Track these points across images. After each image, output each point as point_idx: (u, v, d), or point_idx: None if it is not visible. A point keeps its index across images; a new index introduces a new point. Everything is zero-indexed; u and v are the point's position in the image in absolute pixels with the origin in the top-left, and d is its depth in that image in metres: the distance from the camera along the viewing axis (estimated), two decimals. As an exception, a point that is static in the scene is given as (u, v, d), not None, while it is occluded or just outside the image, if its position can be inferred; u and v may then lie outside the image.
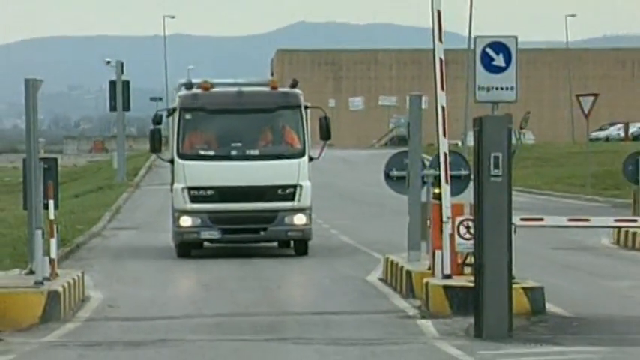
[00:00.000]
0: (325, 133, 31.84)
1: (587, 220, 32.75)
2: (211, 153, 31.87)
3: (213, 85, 32.15)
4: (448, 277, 24.84)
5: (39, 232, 25.42)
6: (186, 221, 31.34)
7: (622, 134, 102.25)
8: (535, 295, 24.37)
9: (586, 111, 64.99)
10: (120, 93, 60.34)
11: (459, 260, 25.20)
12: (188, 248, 32.24)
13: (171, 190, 32.50)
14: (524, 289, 24.03)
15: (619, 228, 41.78)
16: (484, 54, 23.91)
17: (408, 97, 30.93)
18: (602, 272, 35.09)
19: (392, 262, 29.97)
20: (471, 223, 23.56)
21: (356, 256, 33.93)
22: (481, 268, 21.83)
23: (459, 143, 26.91)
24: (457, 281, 24.47)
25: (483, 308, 21.63)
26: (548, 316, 23.95)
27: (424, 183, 29.55)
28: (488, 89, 23.88)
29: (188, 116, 31.52)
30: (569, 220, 33.04)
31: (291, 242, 33.48)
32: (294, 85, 32.18)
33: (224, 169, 31.37)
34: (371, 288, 29.70)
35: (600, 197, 63.94)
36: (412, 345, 21.23)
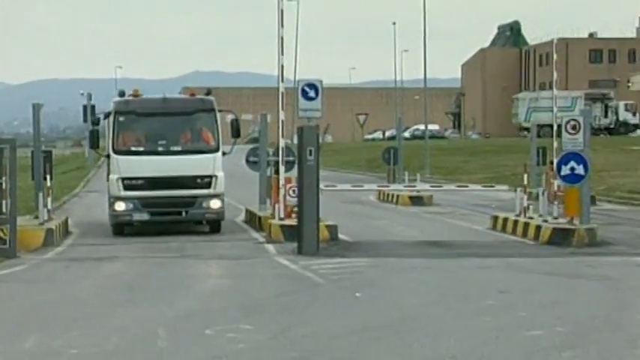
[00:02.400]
0: (235, 132, 29.86)
1: (362, 186, 38.08)
2: (141, 149, 29.21)
3: (141, 94, 29.86)
4: (282, 219, 27.97)
5: (40, 194, 28.35)
6: (120, 206, 28.72)
7: (382, 136, 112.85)
8: (332, 229, 27.41)
9: (361, 122, 71.67)
10: (89, 111, 64.17)
11: (289, 210, 28.07)
12: (122, 228, 29.70)
13: (108, 180, 29.85)
14: (326, 225, 27.10)
15: (379, 190, 47.05)
16: (303, 90, 26.74)
17: (259, 115, 35.01)
18: (370, 215, 38.92)
19: (250, 211, 33.74)
20: (295, 188, 26.36)
21: (229, 207, 32.34)
22: (301, 214, 24.82)
23: (290, 141, 29.27)
24: (288, 222, 27.46)
25: (302, 237, 24.55)
26: (339, 241, 27.13)
27: (268, 165, 32.93)
28: (305, 110, 26.82)
29: (121, 118, 28.99)
30: (352, 186, 38.24)
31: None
32: (208, 93, 29.88)
33: (152, 162, 28.76)
34: (238, 226, 32.56)
35: (370, 173, 68.30)
36: (262, 259, 23.91)
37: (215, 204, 29.08)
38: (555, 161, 28.90)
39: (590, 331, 14.37)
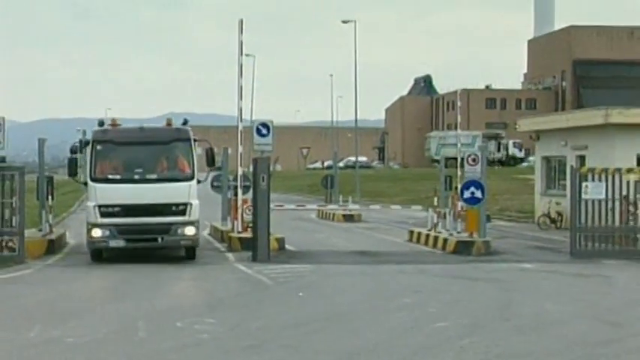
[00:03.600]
0: (210, 161, 25.38)
1: (304, 206, 37.83)
2: (118, 176, 24.31)
3: (120, 124, 25.32)
4: (240, 233, 27.74)
5: (44, 211, 27.94)
6: (97, 232, 23.95)
7: (321, 166, 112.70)
8: (280, 241, 27.34)
9: (304, 154, 71.16)
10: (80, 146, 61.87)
11: (245, 225, 27.79)
12: (99, 254, 24.85)
13: (85, 207, 25.18)
14: (276, 238, 26.87)
15: (319, 210, 46.89)
16: (257, 128, 26.60)
17: (222, 148, 34.57)
18: (311, 230, 38.67)
19: (214, 226, 33.13)
20: (251, 208, 26.13)
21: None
22: (255, 228, 24.66)
23: (247, 169, 28.83)
24: (245, 235, 27.19)
25: (256, 247, 24.40)
26: (286, 251, 26.97)
27: (229, 188, 32.45)
28: (259, 144, 26.60)
29: (99, 147, 24.42)
30: (297, 205, 38.06)
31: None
32: (184, 123, 25.20)
33: (128, 190, 23.98)
34: (204, 238, 30.90)
35: (311, 196, 67.79)
36: (223, 265, 23.75)
37: (190, 231, 24.27)
38: (459, 187, 28.95)
39: (485, 323, 14.45)
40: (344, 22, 67.52)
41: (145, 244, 24.48)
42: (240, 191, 28.43)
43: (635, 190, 25.71)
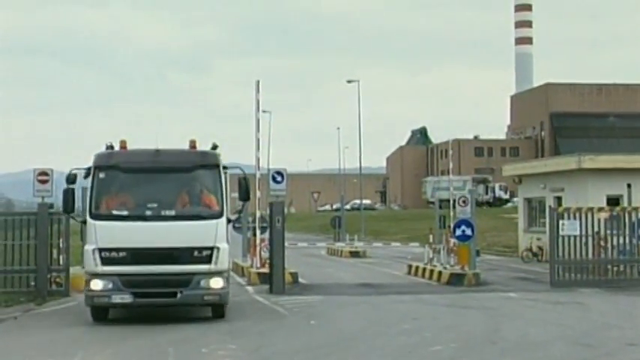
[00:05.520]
0: (244, 194, 18.19)
1: (315, 244, 37.17)
2: (125, 213, 17.12)
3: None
4: (258, 268, 27.43)
5: None
6: (97, 284, 16.98)
7: (330, 208, 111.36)
8: (294, 275, 27.03)
9: (315, 198, 70.34)
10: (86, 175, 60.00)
11: (263, 261, 27.24)
12: (103, 312, 17.74)
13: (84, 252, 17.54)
14: (290, 272, 26.30)
15: (328, 247, 46.52)
16: (273, 176, 25.84)
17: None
18: (321, 265, 38.08)
19: (235, 262, 31.58)
20: (268, 246, 25.53)
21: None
22: (272, 264, 24.14)
23: (264, 212, 28.24)
24: (262, 270, 26.78)
25: (273, 281, 23.92)
26: (299, 284, 26.65)
27: (248, 229, 31.59)
28: (274, 190, 25.59)
29: (102, 175, 17.32)
30: (309, 243, 37.48)
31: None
32: (214, 148, 17.87)
33: (137, 230, 16.89)
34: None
35: (321, 234, 66.59)
36: (243, 296, 23.07)
37: (217, 283, 17.16)
38: (452, 225, 28.93)
39: (475, 346, 14.33)
40: (349, 81, 67.88)
41: (159, 300, 17.23)
42: (258, 231, 28.23)
43: (606, 226, 25.71)
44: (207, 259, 17.02)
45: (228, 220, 17.58)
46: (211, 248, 17.02)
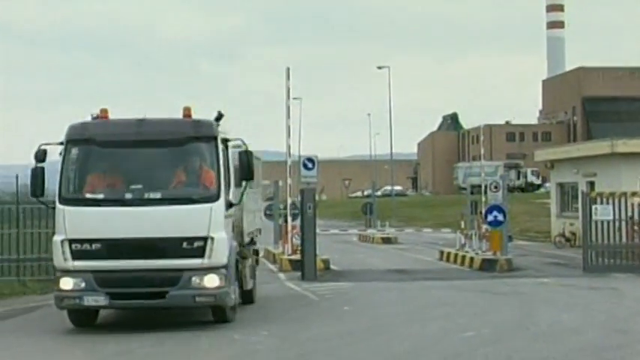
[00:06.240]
0: (246, 172, 14.36)
1: (347, 230, 37.25)
2: (100, 196, 13.98)
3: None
4: (290, 255, 27.69)
5: None
6: (67, 283, 13.86)
7: (361, 194, 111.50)
8: (326, 262, 27.06)
9: (347, 185, 70.53)
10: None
11: (294, 248, 27.47)
12: (81, 316, 14.68)
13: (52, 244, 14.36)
14: (322, 259, 26.32)
15: (360, 233, 46.64)
16: (304, 162, 26.27)
17: (273, 181, 34.61)
18: (353, 251, 38.27)
19: (267, 249, 32.12)
20: (299, 232, 25.56)
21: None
22: (303, 251, 24.19)
23: (295, 199, 28.34)
24: (294, 257, 27.00)
25: (304, 267, 23.88)
26: (331, 270, 26.73)
27: (280, 216, 32.09)
28: (305, 177, 26.07)
29: (74, 151, 14.20)
30: (340, 230, 37.59)
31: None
32: (219, 117, 14.47)
33: (116, 217, 13.74)
34: (259, 260, 30.59)
35: (353, 221, 65.98)
36: (276, 283, 23.18)
37: (211, 281, 13.96)
38: (483, 211, 28.78)
39: (508, 332, 14.28)
40: (379, 67, 67.78)
41: (140, 302, 14.07)
42: (289, 218, 28.35)
43: (639, 211, 25.67)
44: (200, 252, 13.86)
45: (230, 204, 14.38)
46: (204, 238, 13.87)
